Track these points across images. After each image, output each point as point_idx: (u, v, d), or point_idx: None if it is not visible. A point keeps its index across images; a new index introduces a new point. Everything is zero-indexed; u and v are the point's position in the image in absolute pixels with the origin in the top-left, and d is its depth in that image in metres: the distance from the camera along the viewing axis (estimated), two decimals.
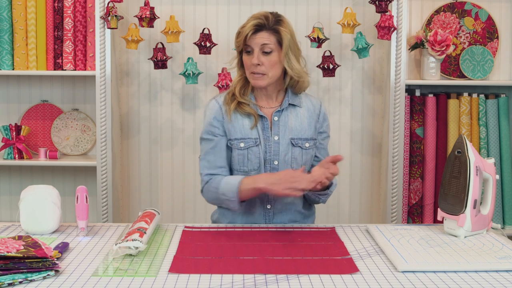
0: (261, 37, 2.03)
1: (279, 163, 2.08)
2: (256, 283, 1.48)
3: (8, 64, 3.03)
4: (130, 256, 1.68)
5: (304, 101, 2.16)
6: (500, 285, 1.48)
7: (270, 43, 2.03)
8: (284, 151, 2.08)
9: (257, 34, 2.03)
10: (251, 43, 2.03)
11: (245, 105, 2.10)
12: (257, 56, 2.03)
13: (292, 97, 2.13)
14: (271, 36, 2.04)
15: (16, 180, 3.27)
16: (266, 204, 2.12)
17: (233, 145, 2.10)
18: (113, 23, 2.91)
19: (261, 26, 2.03)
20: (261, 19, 2.04)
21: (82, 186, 1.92)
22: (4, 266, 1.47)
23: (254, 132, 2.09)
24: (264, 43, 2.03)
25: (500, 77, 3.23)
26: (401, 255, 1.67)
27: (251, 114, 2.09)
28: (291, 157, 2.08)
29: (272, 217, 2.13)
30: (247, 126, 2.09)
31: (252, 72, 2.05)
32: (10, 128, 3.08)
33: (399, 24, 2.95)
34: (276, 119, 2.11)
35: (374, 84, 3.21)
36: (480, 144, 3.12)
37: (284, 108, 2.11)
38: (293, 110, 2.12)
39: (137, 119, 3.22)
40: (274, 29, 2.04)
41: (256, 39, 2.03)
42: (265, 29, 2.04)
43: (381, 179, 3.17)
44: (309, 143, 2.12)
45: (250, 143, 2.08)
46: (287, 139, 2.09)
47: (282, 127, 2.10)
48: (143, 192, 3.25)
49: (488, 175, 1.93)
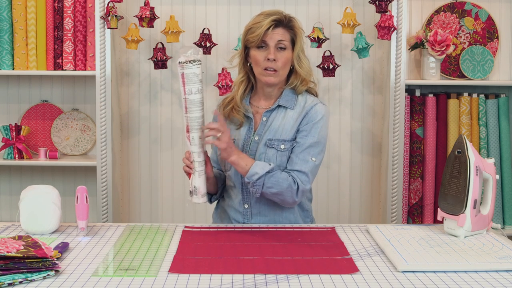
0: (278, 33, 2.04)
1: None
2: (256, 283, 1.48)
3: (8, 64, 3.03)
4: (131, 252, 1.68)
5: (299, 102, 2.12)
6: (500, 285, 1.48)
7: (285, 39, 2.05)
8: (259, 151, 2.07)
9: (275, 29, 2.04)
10: (267, 38, 2.03)
11: (237, 112, 2.12)
12: (273, 51, 2.03)
13: (287, 98, 2.11)
14: (286, 33, 2.06)
15: (16, 180, 3.27)
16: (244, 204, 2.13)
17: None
18: (113, 23, 2.91)
19: (279, 21, 2.04)
20: (279, 15, 2.05)
21: (82, 186, 1.92)
22: (4, 266, 1.47)
23: (235, 132, 2.12)
24: (280, 39, 2.04)
25: (500, 77, 3.23)
26: (401, 255, 1.67)
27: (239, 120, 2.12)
28: (265, 158, 2.05)
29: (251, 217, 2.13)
30: (233, 128, 2.14)
31: (265, 68, 2.05)
32: (10, 128, 3.08)
33: (399, 24, 2.95)
34: (264, 119, 2.11)
35: (374, 84, 3.21)
36: (480, 144, 3.12)
37: (273, 108, 2.11)
38: (283, 111, 2.10)
39: (137, 119, 3.22)
40: (289, 26, 2.06)
41: (274, 34, 2.03)
42: (282, 25, 2.05)
43: (381, 179, 3.17)
44: (286, 145, 2.06)
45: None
46: (265, 140, 2.08)
47: (266, 128, 2.09)
48: (143, 192, 3.25)
49: (488, 175, 1.93)
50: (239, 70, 2.16)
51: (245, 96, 2.15)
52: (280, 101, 2.11)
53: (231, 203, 2.16)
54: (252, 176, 1.97)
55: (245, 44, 2.10)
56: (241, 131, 2.13)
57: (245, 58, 2.13)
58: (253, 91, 2.17)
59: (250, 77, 2.15)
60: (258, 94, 2.15)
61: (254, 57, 2.06)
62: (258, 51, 2.05)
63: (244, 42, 2.10)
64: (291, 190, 1.99)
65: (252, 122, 2.12)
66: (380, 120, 3.21)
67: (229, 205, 2.17)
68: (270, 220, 2.11)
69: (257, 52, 2.05)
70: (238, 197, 2.13)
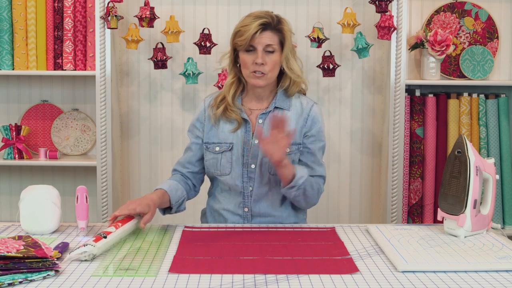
0: (266, 36, 2.02)
1: (256, 166, 2.08)
2: (256, 283, 1.48)
3: (8, 64, 3.03)
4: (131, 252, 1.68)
5: (294, 103, 2.12)
6: (500, 285, 1.48)
7: (273, 43, 2.03)
8: (262, 155, 2.06)
9: (262, 33, 2.01)
10: (255, 42, 2.01)
11: (231, 111, 2.10)
12: (261, 56, 2.01)
13: (281, 99, 2.11)
14: (274, 36, 2.03)
15: (16, 180, 3.27)
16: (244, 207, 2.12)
17: (208, 148, 2.12)
18: (113, 23, 2.91)
19: (266, 25, 2.02)
20: (267, 18, 2.03)
21: (82, 186, 1.92)
22: (4, 266, 1.47)
23: (232, 136, 2.09)
24: (269, 43, 2.02)
25: (500, 77, 3.23)
26: (401, 255, 1.67)
27: (235, 120, 2.09)
28: (269, 162, 2.03)
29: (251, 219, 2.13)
30: (227, 130, 2.10)
31: (253, 71, 2.03)
32: (10, 128, 3.08)
33: (399, 24, 2.95)
34: (260, 122, 2.09)
35: (374, 84, 3.21)
36: (480, 144, 3.12)
37: (270, 111, 2.09)
38: (280, 113, 2.09)
39: (137, 119, 3.22)
40: (278, 29, 2.04)
41: (262, 38, 2.01)
42: (270, 28, 2.03)
43: (381, 179, 3.17)
44: (290, 148, 2.07)
45: (224, 147, 2.09)
46: None
47: (265, 131, 2.06)
48: (143, 192, 3.25)
49: (488, 175, 1.93)
50: (229, 71, 2.14)
51: (237, 97, 2.13)
52: (276, 103, 2.10)
53: (226, 207, 2.14)
54: (300, 179, 1.98)
55: (234, 46, 2.08)
56: (238, 133, 2.10)
57: (235, 59, 2.11)
58: (244, 92, 2.15)
59: (241, 78, 2.12)
60: (249, 95, 2.14)
61: (243, 60, 2.05)
62: (246, 54, 2.03)
63: (232, 45, 2.08)
64: (318, 193, 2.08)
65: (250, 125, 2.10)
66: (380, 120, 3.21)
67: (225, 209, 2.14)
68: (269, 221, 2.12)
69: (245, 55, 2.04)
70: (236, 200, 2.12)
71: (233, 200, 2.13)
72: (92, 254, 1.64)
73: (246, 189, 2.09)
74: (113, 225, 1.81)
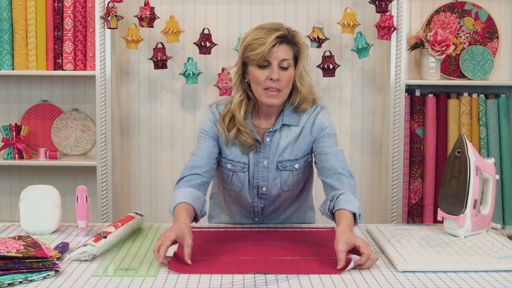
0: (281, 51, 1.84)
1: (268, 188, 1.99)
2: (256, 283, 1.48)
3: (8, 64, 3.03)
4: (131, 252, 1.68)
5: (303, 118, 1.96)
6: (500, 285, 1.48)
7: (289, 57, 1.86)
8: (272, 177, 1.97)
9: (278, 47, 1.84)
10: (271, 57, 1.83)
11: (244, 134, 1.92)
12: (277, 71, 1.83)
13: (289, 115, 1.95)
14: (290, 51, 1.87)
15: (16, 180, 3.27)
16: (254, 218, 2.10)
17: (221, 161, 1.99)
18: (113, 23, 2.91)
19: (283, 38, 1.85)
20: (283, 30, 1.85)
21: (82, 186, 1.92)
22: (4, 266, 1.47)
23: (245, 156, 1.96)
24: (284, 58, 1.85)
25: (500, 77, 3.23)
26: (401, 255, 1.67)
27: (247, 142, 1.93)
28: (280, 181, 1.97)
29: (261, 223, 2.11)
30: (238, 151, 1.96)
31: (266, 88, 1.85)
32: (10, 128, 3.08)
33: (399, 24, 2.95)
34: (268, 140, 1.95)
35: (374, 84, 3.21)
36: (480, 144, 3.12)
37: (276, 129, 1.94)
38: (287, 129, 1.95)
39: (137, 119, 3.22)
40: (293, 42, 1.88)
41: (278, 53, 1.84)
42: (285, 42, 1.86)
43: (381, 179, 3.17)
44: (299, 163, 1.97)
45: (238, 167, 1.97)
46: (275, 163, 1.96)
47: (273, 150, 1.95)
48: (143, 192, 3.25)
49: (488, 175, 1.93)
50: (237, 89, 1.94)
51: (247, 117, 1.95)
52: (284, 120, 1.94)
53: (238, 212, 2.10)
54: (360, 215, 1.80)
55: (244, 60, 1.89)
56: (249, 155, 1.96)
57: (242, 75, 1.92)
58: (254, 110, 1.96)
59: (249, 95, 1.93)
60: (258, 113, 1.97)
61: (255, 76, 1.86)
62: (259, 70, 1.85)
63: (242, 59, 1.89)
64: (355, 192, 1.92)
65: (261, 146, 1.95)
66: (380, 120, 3.21)
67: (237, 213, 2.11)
68: (280, 221, 2.11)
69: (258, 71, 1.85)
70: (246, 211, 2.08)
71: (243, 210, 2.09)
72: (92, 254, 1.64)
73: (256, 207, 2.05)
74: (113, 225, 1.81)
